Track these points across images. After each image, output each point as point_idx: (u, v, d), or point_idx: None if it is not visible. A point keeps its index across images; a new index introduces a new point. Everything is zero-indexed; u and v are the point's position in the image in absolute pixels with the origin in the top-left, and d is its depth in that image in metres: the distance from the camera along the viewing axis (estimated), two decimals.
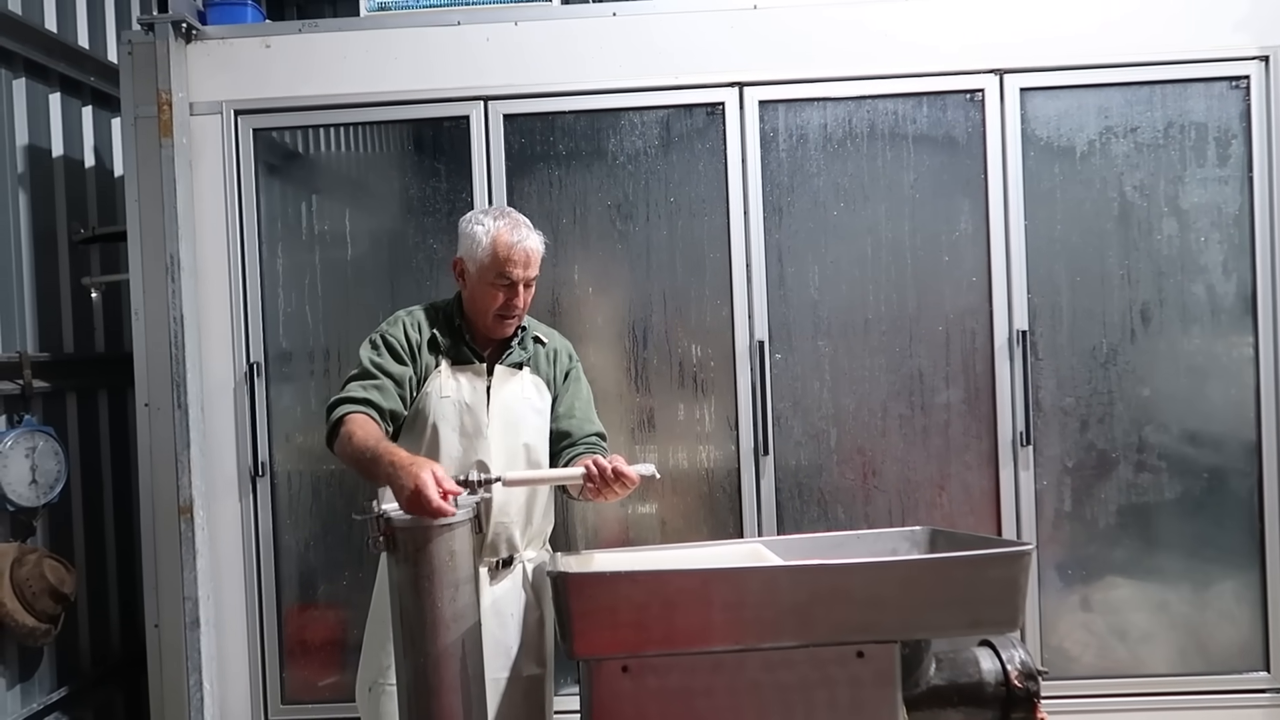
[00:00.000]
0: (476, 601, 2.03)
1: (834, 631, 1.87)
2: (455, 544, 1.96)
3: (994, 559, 1.91)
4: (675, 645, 1.85)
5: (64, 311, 3.59)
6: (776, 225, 3.14)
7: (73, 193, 3.62)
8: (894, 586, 1.86)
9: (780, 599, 1.84)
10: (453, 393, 2.30)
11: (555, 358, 2.49)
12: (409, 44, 3.15)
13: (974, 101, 3.12)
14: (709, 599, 1.84)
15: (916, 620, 1.88)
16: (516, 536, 2.36)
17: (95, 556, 3.67)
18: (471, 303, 2.38)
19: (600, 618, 1.84)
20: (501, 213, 2.38)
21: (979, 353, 3.14)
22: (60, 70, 3.53)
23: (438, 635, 1.94)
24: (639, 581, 1.85)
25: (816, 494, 3.16)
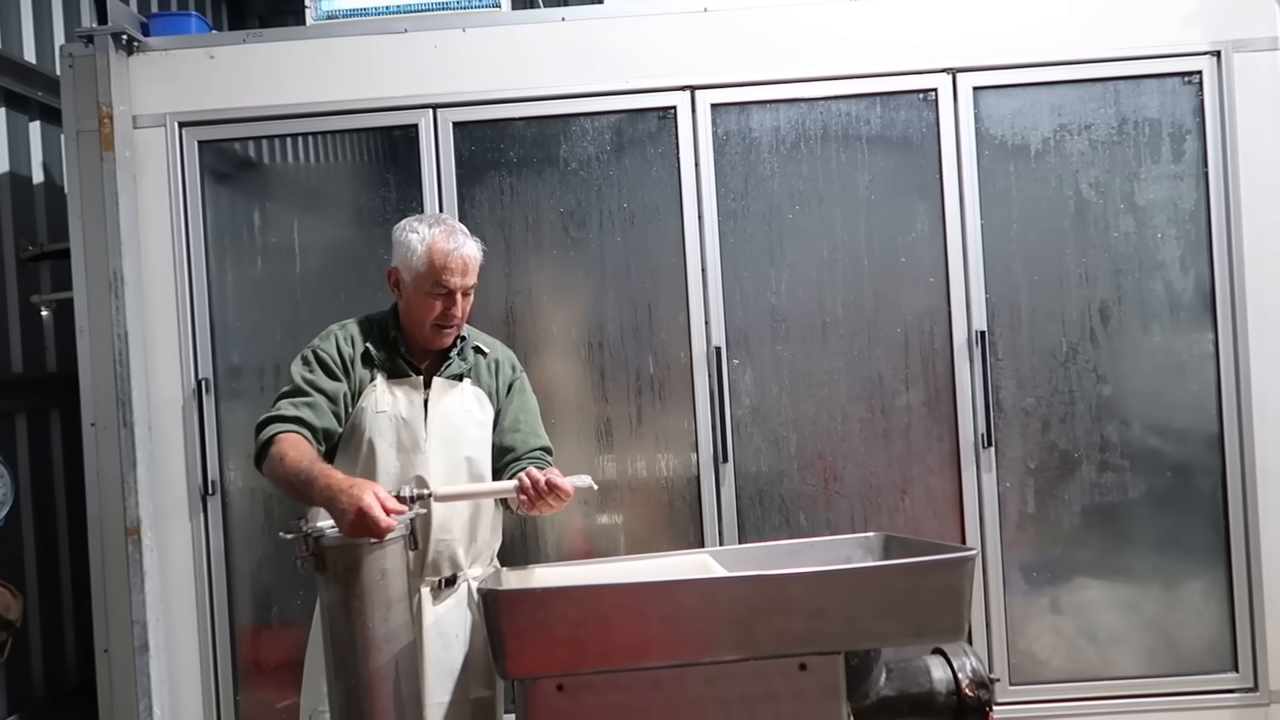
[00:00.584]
0: (411, 621, 1.97)
1: (775, 644, 1.82)
2: (387, 562, 1.91)
3: (935, 565, 1.87)
4: (612, 662, 1.80)
5: (12, 331, 3.53)
6: (731, 230, 3.11)
7: (20, 210, 3.55)
8: (834, 596, 1.82)
9: (718, 612, 1.80)
10: (389, 407, 2.24)
11: (497, 369, 2.43)
12: (356, 53, 3.10)
13: (927, 101, 3.09)
14: (644, 614, 1.79)
15: (859, 630, 1.84)
16: (460, 554, 2.29)
17: (49, 580, 3.59)
18: (408, 313, 2.32)
19: (532, 635, 1.79)
20: (436, 220, 2.32)
21: (938, 354, 3.10)
22: (5, 85, 3.47)
23: (369, 657, 1.89)
24: (571, 597, 1.80)
25: (778, 501, 3.12)
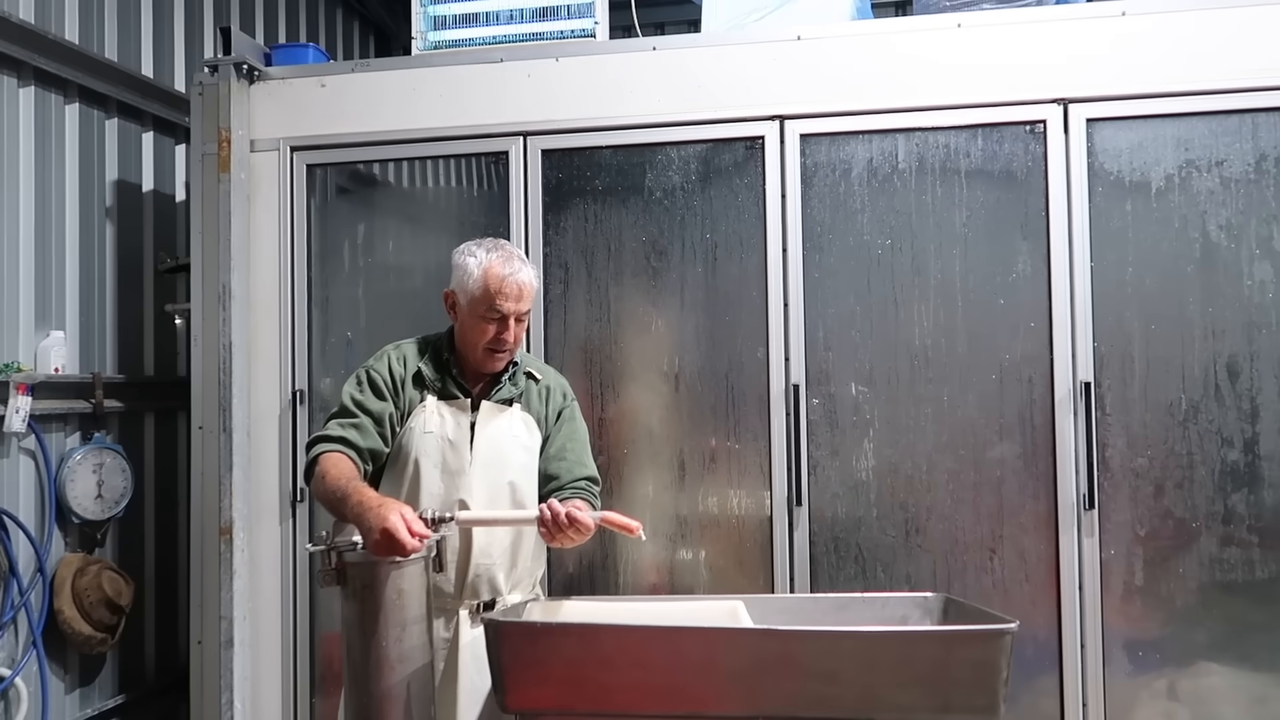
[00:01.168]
0: (428, 643, 1.97)
1: (784, 705, 1.71)
2: (404, 583, 1.92)
3: (964, 636, 1.71)
4: (610, 706, 1.73)
5: (146, 337, 3.81)
6: (816, 264, 3.00)
7: (161, 225, 3.84)
8: (849, 660, 1.69)
9: (721, 664, 1.70)
10: (436, 428, 2.27)
11: (548, 395, 2.42)
12: (454, 82, 3.19)
13: (1034, 133, 2.89)
14: (644, 659, 1.72)
15: (877, 698, 1.70)
16: (500, 579, 2.28)
17: (166, 570, 3.83)
18: (462, 335, 2.35)
19: (531, 671, 1.75)
20: (495, 245, 2.34)
21: (1037, 405, 2.88)
22: (154, 112, 3.77)
23: (381, 675, 1.90)
24: (569, 634, 1.75)
25: (854, 550, 2.97)
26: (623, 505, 3.07)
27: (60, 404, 3.31)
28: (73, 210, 3.44)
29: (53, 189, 3.35)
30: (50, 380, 3.23)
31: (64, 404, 3.32)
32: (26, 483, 3.23)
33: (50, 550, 3.26)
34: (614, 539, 3.06)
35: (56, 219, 3.37)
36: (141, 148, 3.79)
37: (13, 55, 3.16)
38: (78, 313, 3.46)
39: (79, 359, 3.45)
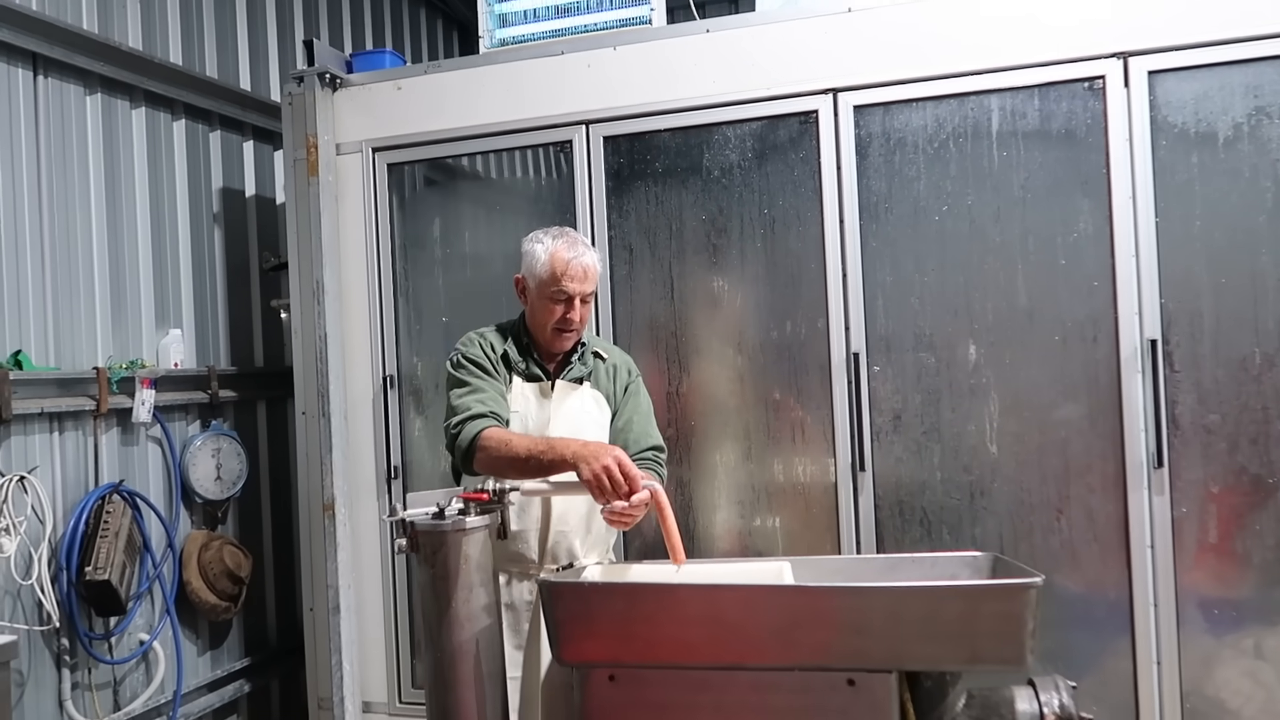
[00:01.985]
0: (496, 603, 2.14)
1: (818, 656, 1.81)
2: (469, 548, 2.09)
3: (989, 590, 1.76)
4: (655, 658, 1.87)
5: (255, 331, 4.13)
6: (874, 233, 3.03)
7: (265, 227, 4.15)
8: (877, 615, 1.77)
9: (758, 619, 1.81)
10: (520, 408, 2.42)
11: (615, 373, 2.55)
12: (519, 77, 3.34)
13: (1093, 90, 2.85)
14: (684, 615, 1.84)
15: (907, 650, 1.78)
16: (576, 545, 2.43)
17: (284, 544, 4.16)
18: (533, 317, 2.50)
19: (581, 626, 1.89)
20: (561, 232, 2.49)
21: (1102, 364, 2.86)
22: (252, 122, 4.07)
23: (452, 633, 2.08)
24: (615, 593, 1.89)
25: (919, 513, 3.01)
26: (694, 475, 3.20)
27: (180, 395, 3.63)
28: (184, 218, 3.75)
29: (165, 200, 3.67)
30: (170, 374, 3.56)
31: (184, 395, 3.65)
32: (155, 468, 3.57)
33: (178, 528, 3.59)
34: (691, 511, 3.19)
35: (170, 227, 3.69)
36: (243, 156, 4.10)
37: (125, 80, 3.47)
38: (193, 311, 3.78)
39: (195, 354, 3.78)
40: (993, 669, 1.82)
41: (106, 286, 3.40)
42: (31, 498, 2.99)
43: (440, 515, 2.10)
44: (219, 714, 3.81)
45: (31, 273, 3.13)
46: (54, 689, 3.13)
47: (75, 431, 3.24)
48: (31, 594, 3.00)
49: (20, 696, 3.01)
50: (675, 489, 3.20)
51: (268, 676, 4.06)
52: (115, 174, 3.46)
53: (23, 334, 3.08)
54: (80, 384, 3.21)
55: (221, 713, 3.83)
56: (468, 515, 2.09)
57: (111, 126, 3.45)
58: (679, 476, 3.22)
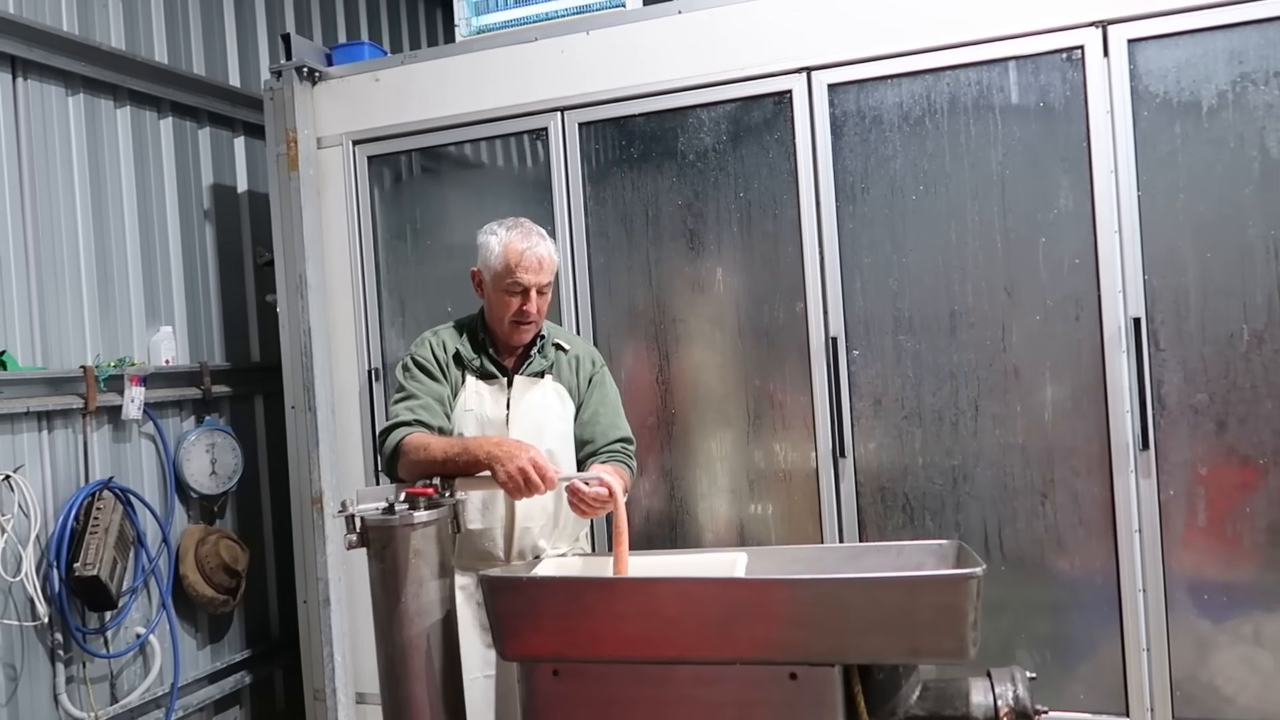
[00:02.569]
0: (449, 599, 2.14)
1: (759, 650, 1.78)
2: (418, 543, 2.09)
3: (928, 582, 1.72)
4: (596, 652, 1.85)
5: (251, 326, 4.16)
6: (851, 214, 2.97)
7: (257, 222, 4.16)
8: (816, 607, 1.74)
9: (695, 613, 1.78)
10: (475, 405, 2.41)
11: (578, 364, 2.52)
12: (493, 64, 3.32)
13: (1071, 61, 2.76)
14: (623, 610, 1.82)
15: (847, 643, 1.74)
16: (542, 544, 2.42)
17: (283, 537, 4.20)
18: (490, 311, 2.48)
19: (522, 621, 1.88)
20: (515, 223, 2.45)
21: (1085, 344, 2.78)
22: (242, 118, 4.08)
23: (402, 628, 2.08)
24: (552, 587, 1.88)
25: (901, 499, 2.96)
26: (674, 462, 3.17)
27: (173, 392, 3.67)
28: (173, 215, 3.79)
29: (153, 197, 3.70)
30: (161, 371, 3.60)
31: (176, 392, 3.69)
32: (149, 464, 3.62)
33: (173, 523, 3.64)
34: (671, 499, 3.17)
35: (159, 224, 3.73)
36: (234, 152, 4.12)
37: (107, 80, 3.50)
38: (185, 308, 3.82)
39: (189, 350, 3.82)
40: (935, 661, 1.78)
41: (94, 286, 3.44)
42: (18, 496, 3.04)
43: (390, 510, 2.10)
44: (220, 705, 3.87)
45: (15, 275, 3.17)
46: (49, 683, 3.19)
47: (65, 430, 3.28)
48: (22, 590, 3.06)
49: (14, 690, 3.08)
50: (657, 476, 3.18)
51: (271, 667, 4.11)
52: (100, 174, 3.49)
53: (7, 335, 3.13)
54: (68, 383, 3.26)
55: (223, 704, 3.89)
56: (416, 510, 2.09)
57: (95, 127, 3.48)
58: (660, 464, 3.19)
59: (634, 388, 3.21)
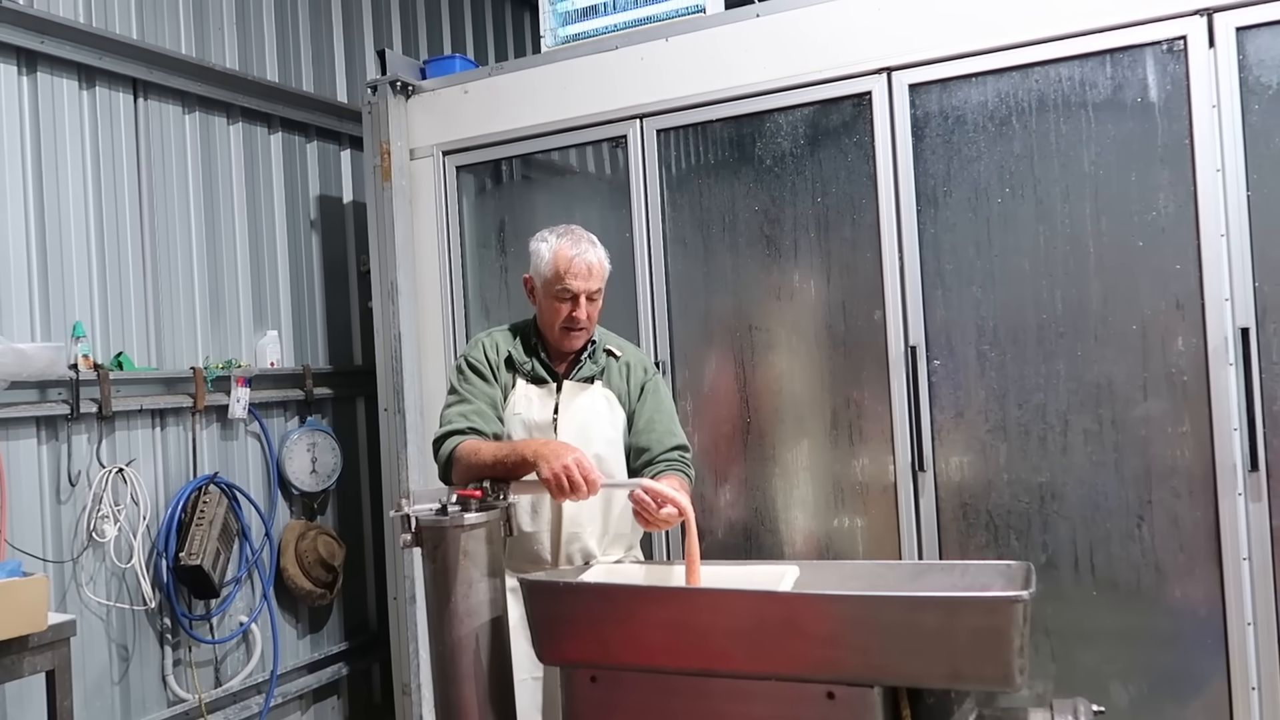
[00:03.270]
0: (497, 600, 2.16)
1: (792, 666, 1.72)
2: (468, 544, 2.11)
3: (968, 603, 1.62)
4: (628, 660, 1.83)
5: (354, 331, 4.33)
6: (932, 219, 2.86)
7: (360, 231, 4.33)
8: (850, 625, 1.67)
9: (725, 624, 1.74)
10: (523, 409, 2.43)
11: (629, 371, 2.51)
12: (574, 73, 3.36)
13: (1172, 53, 2.58)
14: (657, 618, 1.79)
15: (884, 664, 1.66)
16: (592, 546, 2.41)
17: (381, 535, 4.35)
18: (541, 317, 2.49)
19: (559, 626, 1.88)
20: (565, 230, 2.46)
21: (1187, 356, 2.59)
22: (348, 131, 4.27)
23: (453, 627, 2.11)
24: (588, 594, 1.87)
25: (984, 517, 2.82)
26: (752, 473, 3.12)
27: (277, 393, 3.86)
28: (281, 226, 3.99)
29: (262, 208, 3.91)
30: (266, 373, 3.79)
31: (280, 393, 3.88)
32: (254, 461, 3.81)
33: (275, 518, 3.82)
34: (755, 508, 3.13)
35: (268, 234, 3.93)
36: (340, 164, 4.31)
37: (221, 99, 3.72)
38: (290, 313, 4.01)
39: (293, 353, 4.01)
40: (978, 688, 1.68)
41: (205, 292, 3.65)
42: (131, 488, 3.25)
43: (443, 511, 2.14)
44: (319, 694, 4.04)
45: (134, 282, 3.40)
46: (157, 665, 3.40)
47: (176, 427, 3.50)
48: (134, 576, 3.27)
49: (126, 671, 3.29)
50: (734, 487, 3.13)
51: (368, 660, 4.26)
52: (213, 187, 3.71)
53: (125, 337, 3.36)
54: (179, 383, 3.47)
55: (321, 693, 4.05)
56: (467, 511, 2.12)
57: (209, 143, 3.70)
58: (738, 474, 3.15)
59: (710, 396, 3.18)
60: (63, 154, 3.20)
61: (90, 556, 3.19)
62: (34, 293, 3.10)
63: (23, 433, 3.02)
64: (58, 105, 3.19)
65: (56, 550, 3.10)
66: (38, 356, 2.93)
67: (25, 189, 3.09)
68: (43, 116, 3.15)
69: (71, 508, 3.15)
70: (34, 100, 3.13)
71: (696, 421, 3.21)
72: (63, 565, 3.11)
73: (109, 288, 3.32)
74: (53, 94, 3.18)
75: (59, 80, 3.20)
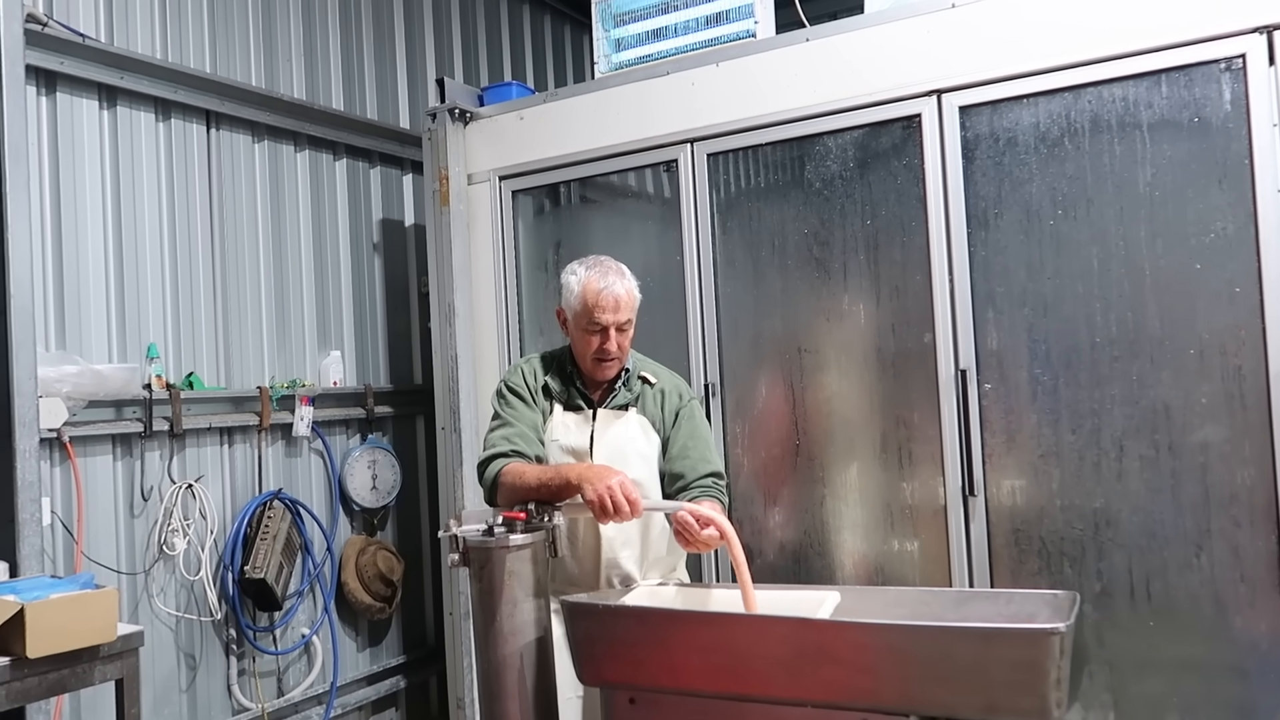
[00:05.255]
0: (541, 619, 2.20)
1: (829, 693, 1.73)
2: (513, 565, 2.16)
3: (1004, 635, 1.61)
4: (666, 683, 1.85)
5: (415, 351, 4.44)
6: (982, 241, 2.84)
7: (422, 254, 4.44)
8: (884, 654, 1.67)
9: (763, 650, 1.76)
10: (560, 436, 2.47)
11: (664, 399, 2.52)
12: (626, 99, 3.41)
13: (1230, 70, 2.53)
14: (695, 642, 1.82)
15: (918, 694, 1.66)
16: (632, 568, 2.44)
17: (439, 550, 4.44)
18: (574, 347, 2.52)
19: (598, 647, 1.92)
20: (595, 262, 2.49)
21: (1249, 380, 2.52)
22: (410, 157, 4.39)
23: (498, 645, 2.16)
24: (626, 616, 1.90)
25: (1036, 543, 2.78)
26: (801, 495, 3.12)
27: (339, 411, 3.98)
28: (345, 249, 4.12)
29: (327, 232, 4.04)
30: (329, 392, 3.91)
31: (342, 411, 4.00)
32: (317, 477, 3.93)
33: (336, 533, 3.94)
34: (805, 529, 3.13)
35: (332, 258, 4.06)
36: (402, 189, 4.44)
37: (288, 128, 3.87)
38: (353, 334, 4.14)
39: (355, 373, 4.13)
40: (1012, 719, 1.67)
41: (272, 314, 3.79)
42: (199, 503, 3.39)
43: (489, 532, 2.20)
44: (377, 705, 4.13)
45: (204, 304, 3.55)
46: (223, 674, 3.52)
47: (243, 444, 3.63)
48: (201, 588, 3.40)
49: (193, 679, 3.42)
50: (784, 509, 3.13)
51: (425, 674, 4.35)
52: (280, 212, 3.85)
53: (196, 358, 3.50)
54: (246, 402, 3.60)
55: (380, 705, 4.15)
56: (513, 533, 2.17)
57: (277, 170, 3.85)
58: (787, 496, 3.15)
59: (760, 418, 3.20)
60: (139, 183, 3.36)
61: (161, 569, 3.32)
62: (111, 316, 3.25)
63: (99, 450, 3.17)
64: (135, 137, 3.36)
65: (130, 562, 3.24)
66: (114, 377, 3.08)
67: (105, 217, 3.26)
68: (121, 148, 3.32)
69: (144, 522, 3.29)
70: (114, 132, 3.30)
71: (746, 444, 3.22)
72: (135, 577, 3.25)
73: (181, 310, 3.47)
74: (131, 126, 3.35)
75: (137, 113, 3.36)
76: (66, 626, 2.28)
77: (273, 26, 3.86)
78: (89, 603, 2.33)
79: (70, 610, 2.29)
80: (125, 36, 3.34)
